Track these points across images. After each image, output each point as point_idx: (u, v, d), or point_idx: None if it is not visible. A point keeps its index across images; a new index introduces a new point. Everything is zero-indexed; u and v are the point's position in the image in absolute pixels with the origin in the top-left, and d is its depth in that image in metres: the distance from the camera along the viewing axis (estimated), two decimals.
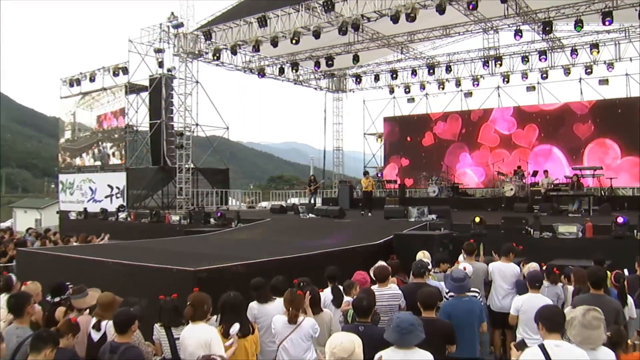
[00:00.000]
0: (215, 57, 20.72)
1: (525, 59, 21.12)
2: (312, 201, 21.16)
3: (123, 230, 17.30)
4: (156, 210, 18.59)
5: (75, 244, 12.21)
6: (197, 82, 22.16)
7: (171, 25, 21.38)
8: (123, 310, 4.29)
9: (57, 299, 5.39)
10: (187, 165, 21.11)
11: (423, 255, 7.82)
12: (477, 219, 11.78)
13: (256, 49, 19.10)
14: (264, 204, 28.75)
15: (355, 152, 30.43)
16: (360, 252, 10.45)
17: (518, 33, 16.95)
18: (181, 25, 20.93)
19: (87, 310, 5.11)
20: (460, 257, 8.12)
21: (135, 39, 23.11)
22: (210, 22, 20.29)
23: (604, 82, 21.42)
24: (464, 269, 6.21)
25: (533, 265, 6.99)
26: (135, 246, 11.36)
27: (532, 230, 11.00)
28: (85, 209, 21.67)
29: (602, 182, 17.61)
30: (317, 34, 17.29)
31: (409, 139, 26.89)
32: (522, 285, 6.57)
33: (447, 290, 6.08)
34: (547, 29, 16.11)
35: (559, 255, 9.80)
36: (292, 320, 4.90)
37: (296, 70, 23.55)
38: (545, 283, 6.63)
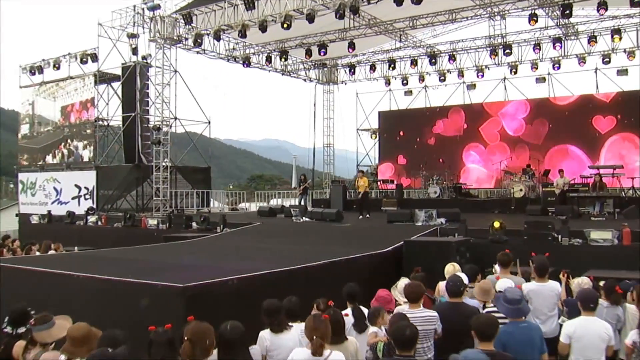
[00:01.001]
0: (196, 44, 19.99)
1: (537, 46, 20.63)
2: (302, 202, 20.72)
3: (93, 237, 16.59)
4: (131, 214, 17.89)
5: (37, 253, 11.26)
6: (175, 71, 21.50)
7: (146, 7, 20.54)
8: (99, 353, 3.46)
9: (20, 330, 4.53)
10: (164, 163, 20.36)
11: (453, 269, 7.14)
12: (497, 224, 11.32)
13: (242, 34, 18.32)
14: (244, 205, 28.06)
15: (346, 151, 29.99)
16: (367, 262, 9.91)
17: (533, 17, 16.38)
18: (158, 7, 20.07)
19: (53, 345, 4.29)
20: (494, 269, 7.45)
21: (105, 22, 22.37)
22: (191, 4, 19.51)
23: (622, 72, 21.03)
24: (519, 286, 5.49)
25: (584, 281, 6.28)
26: (108, 256, 10.54)
27: (560, 237, 10.45)
28: (49, 211, 20.74)
29: (621, 182, 17.13)
30: (311, 18, 16.62)
31: (405, 134, 26.50)
32: (574, 306, 5.84)
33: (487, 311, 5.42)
34: (566, 12, 15.53)
35: (593, 265, 9.29)
36: (318, 352, 4.14)
37: (285, 59, 22.90)
38: (604, 302, 5.94)
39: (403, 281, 6.26)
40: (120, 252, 11.17)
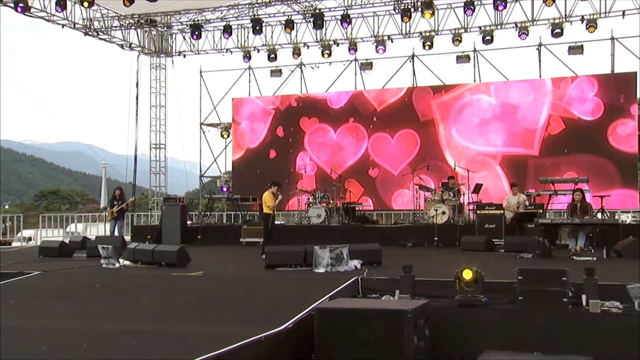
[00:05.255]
0: None
1: (468, 5, 19.30)
2: (116, 232, 18.96)
3: None
4: None
5: None
6: None
7: None
8: None
9: None
10: None
11: None
12: (468, 274, 8.96)
13: None
14: (27, 234, 25.60)
15: (185, 162, 27.72)
16: (254, 357, 7.10)
17: None
18: None
19: None
20: None
21: None
22: None
23: (576, 49, 20.53)
24: None
25: None
26: None
27: (585, 298, 8.03)
28: None
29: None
30: None
31: (271, 132, 25.38)
32: None
33: None
34: None
35: None
36: None
37: (89, 4, 19.66)
38: None
39: None
40: None
